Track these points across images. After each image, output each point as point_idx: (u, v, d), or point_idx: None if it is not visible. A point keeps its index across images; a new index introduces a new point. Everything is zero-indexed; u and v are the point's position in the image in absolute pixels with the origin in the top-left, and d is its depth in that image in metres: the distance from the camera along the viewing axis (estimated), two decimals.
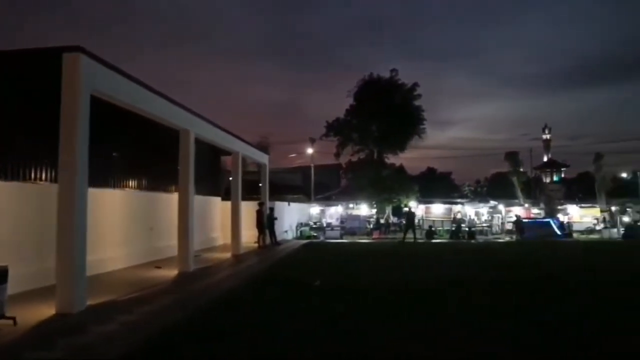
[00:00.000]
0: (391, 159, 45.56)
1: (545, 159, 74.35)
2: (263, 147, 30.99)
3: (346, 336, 7.27)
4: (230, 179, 24.04)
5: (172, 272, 14.82)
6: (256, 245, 24.72)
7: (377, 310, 9.28)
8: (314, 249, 24.99)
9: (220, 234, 26.68)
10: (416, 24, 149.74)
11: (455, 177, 79.00)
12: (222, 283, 13.18)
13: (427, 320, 8.35)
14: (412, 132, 43.88)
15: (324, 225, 36.00)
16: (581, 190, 53.25)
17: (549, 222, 31.94)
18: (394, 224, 38.55)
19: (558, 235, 30.39)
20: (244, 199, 23.07)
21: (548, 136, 79.35)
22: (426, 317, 8.65)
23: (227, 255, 20.78)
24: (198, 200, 17.80)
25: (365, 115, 43.57)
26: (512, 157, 41.93)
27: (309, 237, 33.01)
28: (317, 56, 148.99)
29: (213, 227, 26.10)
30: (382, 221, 37.87)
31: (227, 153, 24.27)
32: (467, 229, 33.45)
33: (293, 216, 34.79)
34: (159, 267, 15.79)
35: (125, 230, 16.29)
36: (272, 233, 26.54)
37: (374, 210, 42.94)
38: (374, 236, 33.93)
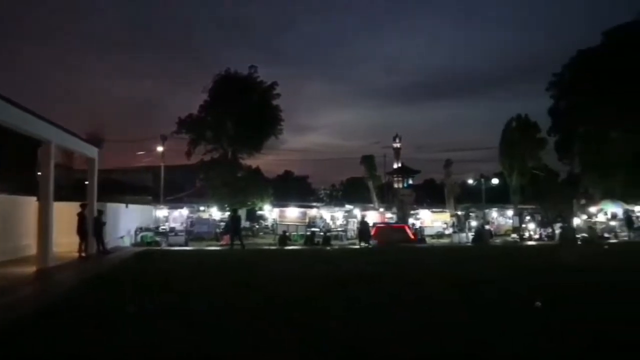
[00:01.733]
0: (247, 160, 42.46)
1: (395, 166, 76.09)
2: (96, 140, 26.23)
3: None
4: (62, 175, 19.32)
5: None
6: (77, 254, 20.33)
7: None
8: (149, 258, 21.06)
9: (35, 242, 21.65)
10: (280, 31, 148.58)
11: (312, 181, 78.13)
12: None
13: None
14: (269, 132, 41.23)
15: (167, 230, 31.86)
16: (428, 195, 54.59)
17: (403, 227, 30.85)
18: (247, 229, 35.39)
19: (412, 240, 29.32)
20: (72, 199, 18.62)
21: (398, 144, 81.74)
22: None
23: (30, 270, 16.25)
24: None
25: (221, 113, 40.17)
26: (368, 160, 40.88)
27: (149, 244, 28.78)
28: (177, 54, 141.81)
29: (24, 233, 20.99)
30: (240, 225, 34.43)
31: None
32: (322, 233, 31.33)
33: (133, 220, 30.32)
34: None
35: None
36: (100, 240, 22.25)
37: (227, 214, 39.73)
38: (223, 242, 30.47)
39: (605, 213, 36.96)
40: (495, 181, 41.37)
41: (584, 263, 14.59)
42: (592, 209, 37.05)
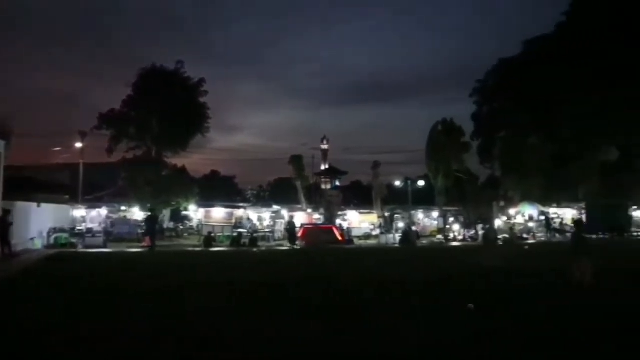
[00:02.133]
0: (172, 159, 40.77)
1: (323, 167, 75.88)
2: (2, 133, 24.12)
3: None
4: None
5: None
6: None
7: None
8: (61, 260, 19.53)
9: None
10: (209, 28, 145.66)
11: (239, 181, 76.63)
12: None
13: None
14: (195, 130, 39.85)
15: (84, 231, 29.92)
16: (355, 197, 54.79)
17: (331, 228, 30.50)
18: (171, 229, 33.90)
19: (340, 241, 29.01)
20: None
21: (326, 146, 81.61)
22: None
23: None
24: None
25: (145, 108, 38.38)
26: (296, 160, 40.30)
27: (63, 246, 26.89)
28: (102, 49, 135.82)
29: None
30: (156, 226, 32.88)
31: None
32: (249, 234, 30.47)
33: (46, 220, 28.26)
34: None
35: None
36: (6, 242, 20.46)
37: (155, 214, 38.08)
38: (144, 243, 28.84)
39: (523, 215, 38.34)
40: (421, 183, 41.92)
41: (506, 265, 14.70)
42: (512, 211, 38.32)
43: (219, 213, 33.66)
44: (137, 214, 35.28)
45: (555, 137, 45.79)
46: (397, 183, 42.55)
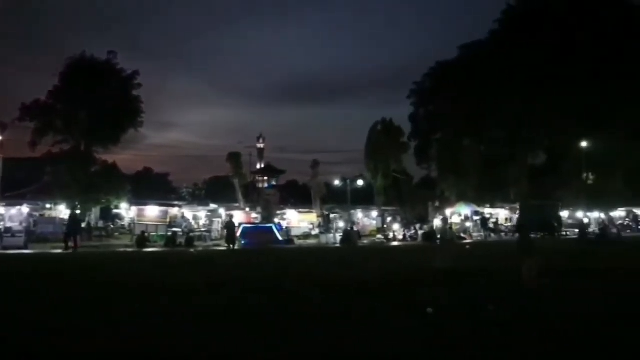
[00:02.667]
0: (102, 155, 38.50)
1: (258, 166, 74.71)
2: None
3: None
4: None
5: None
6: None
7: None
8: None
9: None
10: (144, 23, 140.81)
11: (173, 179, 74.05)
12: None
13: None
14: (128, 125, 37.83)
15: (2, 230, 27.51)
16: (291, 196, 54.01)
17: (271, 227, 29.54)
18: (101, 228, 31.86)
19: (280, 241, 28.13)
20: None
21: (262, 145, 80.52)
22: None
23: None
24: None
25: (73, 100, 36.03)
26: (234, 158, 39.03)
27: None
28: (28, 37, 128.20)
29: None
30: (83, 225, 30.82)
31: None
32: (184, 234, 29.06)
33: None
34: None
35: None
36: None
37: (78, 212, 35.77)
38: (71, 244, 26.78)
39: (460, 215, 38.87)
40: (360, 183, 41.67)
41: (455, 265, 14.38)
42: (448, 211, 38.70)
43: (152, 211, 31.91)
44: (64, 212, 32.96)
45: (486, 141, 47.12)
46: (337, 182, 42.07)
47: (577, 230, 34.37)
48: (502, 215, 39.44)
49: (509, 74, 43.51)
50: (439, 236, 30.47)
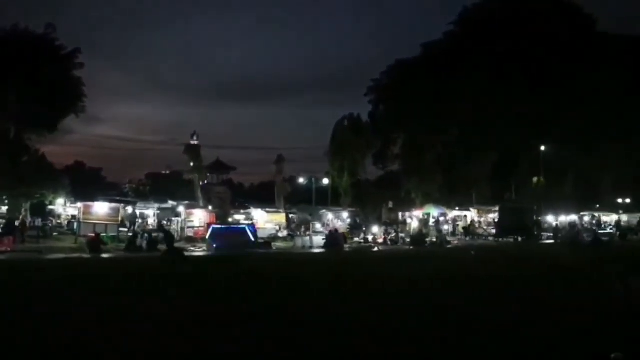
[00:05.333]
0: (36, 143, 32.86)
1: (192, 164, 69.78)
2: None
3: None
4: None
5: None
6: None
7: None
8: None
9: None
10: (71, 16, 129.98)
11: (107, 174, 67.30)
12: None
13: None
14: (67, 109, 32.48)
15: None
16: (239, 195, 49.92)
17: (244, 228, 25.44)
18: (38, 227, 26.44)
19: (254, 244, 24.15)
20: None
21: (196, 142, 75.51)
22: None
23: None
24: None
25: (2, 79, 30.22)
26: (193, 150, 34.54)
27: None
28: None
29: None
30: (16, 223, 25.37)
31: None
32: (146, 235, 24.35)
33: None
34: None
35: None
36: None
37: (5, 209, 30.16)
38: (2, 246, 21.52)
39: (425, 216, 36.55)
40: (325, 181, 38.27)
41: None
42: (417, 212, 36.30)
43: (101, 208, 26.81)
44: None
45: (443, 142, 45.40)
46: (301, 180, 38.46)
47: (550, 234, 33.15)
48: (469, 217, 37.40)
49: (460, 76, 42.27)
50: (433, 239, 28.11)
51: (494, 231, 32.95)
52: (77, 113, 33.18)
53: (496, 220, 34.03)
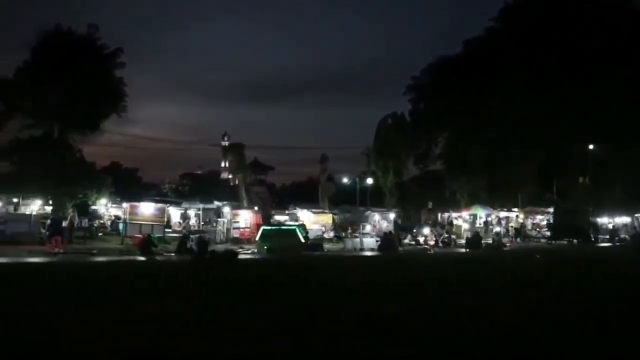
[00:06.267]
0: (80, 143, 32.69)
1: (222, 164, 69.34)
2: None
3: None
4: None
5: None
6: None
7: None
8: None
9: None
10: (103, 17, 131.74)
11: (142, 175, 67.42)
12: None
13: None
14: (110, 109, 32.19)
15: None
16: (274, 196, 49.13)
17: (294, 230, 24.47)
18: (82, 228, 26.03)
19: (306, 246, 23.18)
20: None
21: (227, 143, 75.38)
22: None
23: None
24: None
25: (46, 79, 30.05)
26: (236, 150, 33.84)
27: None
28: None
29: None
30: (65, 224, 24.81)
31: None
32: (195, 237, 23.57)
33: None
34: None
35: None
36: None
37: (48, 208, 29.89)
38: (52, 247, 20.92)
39: (471, 217, 35.19)
40: (370, 181, 37.04)
41: None
42: (464, 213, 34.93)
43: (147, 209, 26.28)
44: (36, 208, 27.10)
45: (485, 142, 43.81)
46: (345, 180, 37.42)
47: (606, 237, 31.50)
48: (515, 219, 35.77)
49: (507, 72, 40.66)
50: (489, 241, 26.83)
51: (547, 233, 31.44)
52: (118, 113, 32.84)
53: (550, 221, 32.44)
